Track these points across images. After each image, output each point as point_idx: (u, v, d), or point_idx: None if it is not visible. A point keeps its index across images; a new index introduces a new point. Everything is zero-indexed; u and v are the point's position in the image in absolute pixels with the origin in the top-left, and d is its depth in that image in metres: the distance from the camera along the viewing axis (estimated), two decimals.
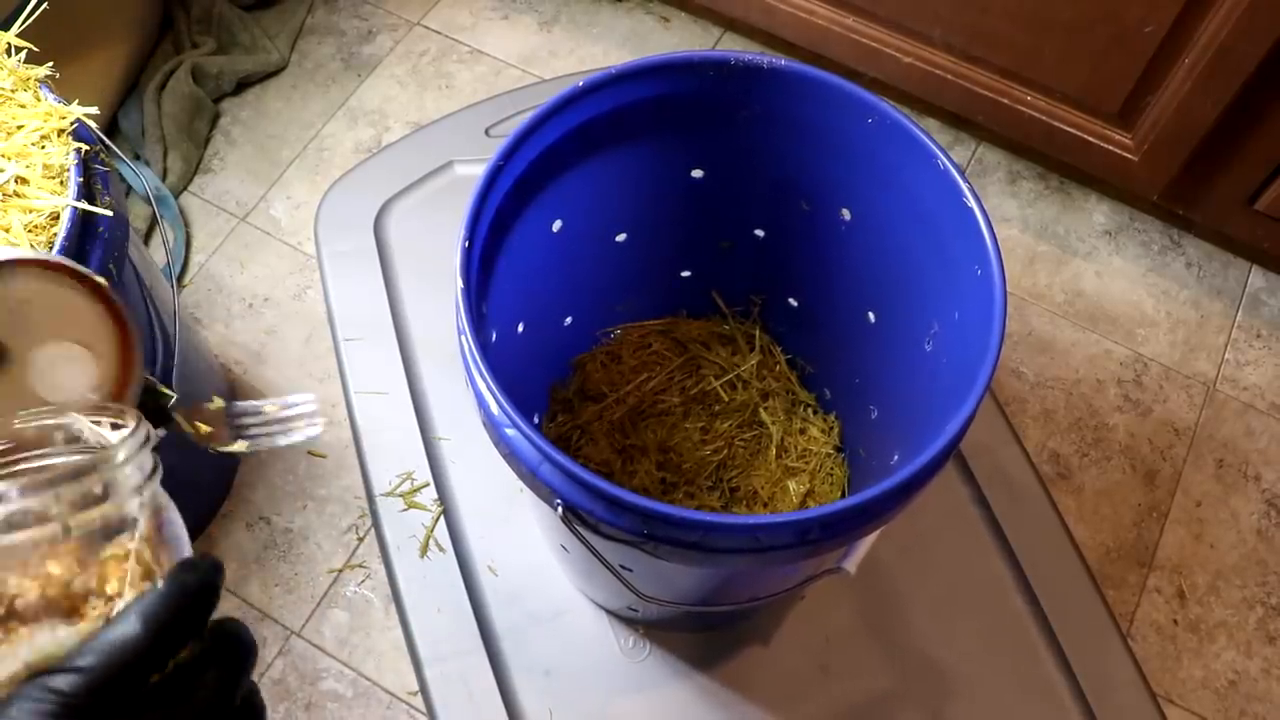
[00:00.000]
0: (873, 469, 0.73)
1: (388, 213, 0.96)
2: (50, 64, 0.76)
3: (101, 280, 0.35)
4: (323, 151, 1.34)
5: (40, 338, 0.34)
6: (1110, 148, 1.17)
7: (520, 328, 0.70)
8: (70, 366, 0.35)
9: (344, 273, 0.93)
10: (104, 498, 0.28)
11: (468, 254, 0.55)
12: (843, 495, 0.80)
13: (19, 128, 0.71)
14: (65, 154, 0.70)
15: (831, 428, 0.82)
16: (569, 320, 0.80)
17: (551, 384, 0.84)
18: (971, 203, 0.56)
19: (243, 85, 1.39)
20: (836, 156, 0.64)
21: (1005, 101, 1.19)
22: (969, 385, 0.51)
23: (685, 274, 0.82)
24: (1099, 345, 1.24)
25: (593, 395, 0.83)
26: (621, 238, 0.75)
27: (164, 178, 1.28)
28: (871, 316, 0.72)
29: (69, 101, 0.74)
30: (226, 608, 1.04)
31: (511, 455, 0.53)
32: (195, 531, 1.07)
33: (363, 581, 1.06)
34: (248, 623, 1.03)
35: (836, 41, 1.24)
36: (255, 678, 1.20)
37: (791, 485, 0.80)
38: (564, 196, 0.65)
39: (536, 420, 0.82)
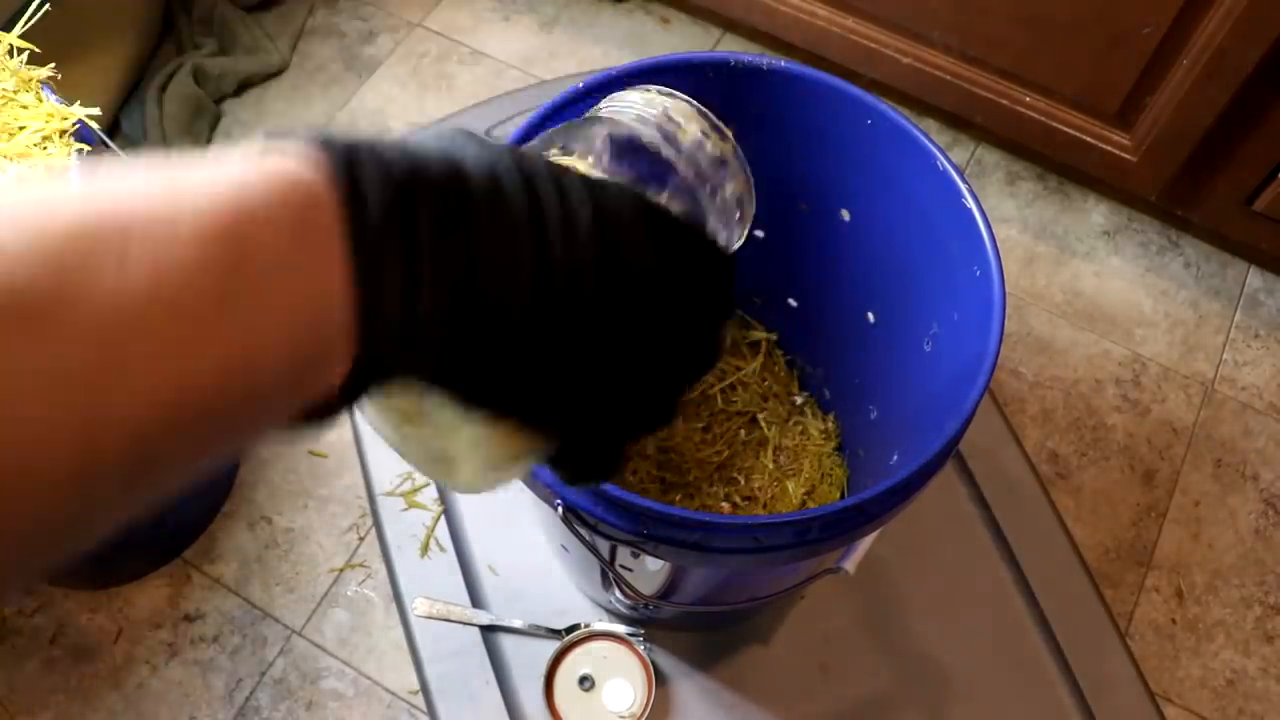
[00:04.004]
0: (872, 469, 0.73)
1: None
2: (52, 65, 0.77)
3: None
4: None
5: None
6: (1109, 148, 1.17)
7: None
8: None
9: None
10: None
11: None
12: (842, 495, 0.80)
13: (21, 129, 0.71)
14: (67, 155, 0.70)
15: (831, 428, 0.83)
16: None
17: None
18: (970, 203, 0.56)
19: (244, 86, 1.39)
20: (836, 157, 0.64)
21: (1004, 102, 1.19)
22: (968, 385, 0.51)
23: None
24: (1097, 345, 1.24)
25: None
26: None
27: None
28: (871, 317, 0.72)
29: (71, 102, 0.74)
30: (228, 607, 1.05)
31: None
32: (196, 531, 1.07)
33: (364, 581, 1.07)
34: (248, 623, 1.04)
35: (836, 43, 1.24)
36: (255, 676, 1.18)
37: (791, 486, 0.80)
38: None
39: None
